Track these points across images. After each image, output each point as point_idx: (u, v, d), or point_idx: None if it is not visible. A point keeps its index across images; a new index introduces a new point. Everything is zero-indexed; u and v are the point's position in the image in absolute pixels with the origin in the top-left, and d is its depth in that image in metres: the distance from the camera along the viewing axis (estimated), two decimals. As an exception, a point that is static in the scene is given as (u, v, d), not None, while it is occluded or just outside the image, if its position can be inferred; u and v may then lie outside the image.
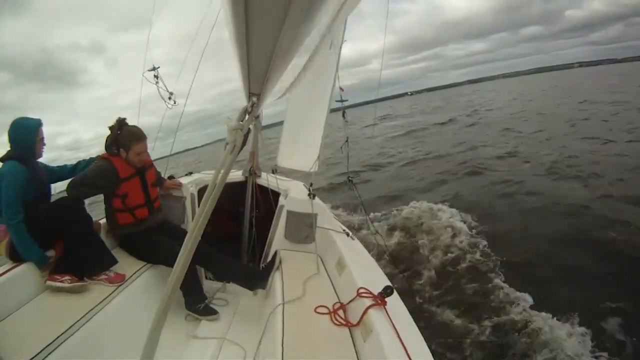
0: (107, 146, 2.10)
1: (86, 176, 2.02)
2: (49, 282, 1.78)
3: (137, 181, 2.14)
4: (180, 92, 3.15)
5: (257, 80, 0.83)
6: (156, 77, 3.04)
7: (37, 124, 1.95)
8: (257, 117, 3.01)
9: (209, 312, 2.11)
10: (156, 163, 2.51)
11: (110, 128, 2.10)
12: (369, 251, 2.55)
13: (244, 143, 0.87)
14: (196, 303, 2.10)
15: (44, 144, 2.01)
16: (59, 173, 2.20)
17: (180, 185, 2.75)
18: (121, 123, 2.10)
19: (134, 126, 2.12)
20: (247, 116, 0.87)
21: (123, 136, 2.06)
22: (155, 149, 2.65)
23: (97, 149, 2.29)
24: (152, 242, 2.18)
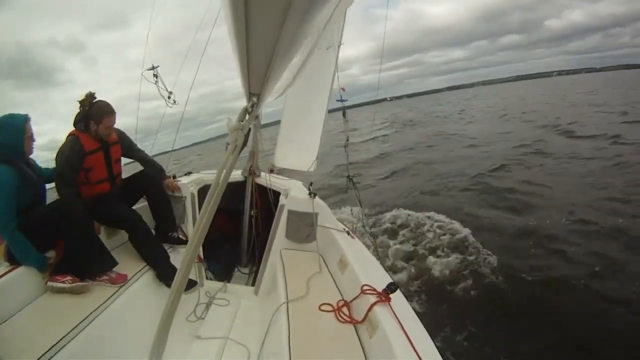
0: (76, 122, 2.10)
1: (62, 161, 2.02)
2: (50, 283, 1.78)
3: (101, 156, 2.17)
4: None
5: (257, 81, 0.83)
6: (155, 76, 3.04)
7: (24, 120, 1.85)
8: (257, 117, 3.02)
9: (190, 284, 2.12)
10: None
11: (81, 102, 2.10)
12: (369, 249, 2.56)
13: (244, 143, 0.87)
14: (171, 278, 2.08)
15: (34, 140, 1.92)
16: (46, 175, 2.12)
17: (176, 187, 2.72)
18: (92, 97, 2.10)
19: (103, 101, 2.15)
20: (247, 116, 0.88)
21: (94, 110, 2.09)
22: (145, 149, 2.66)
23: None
24: (110, 212, 2.23)
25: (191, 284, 2.17)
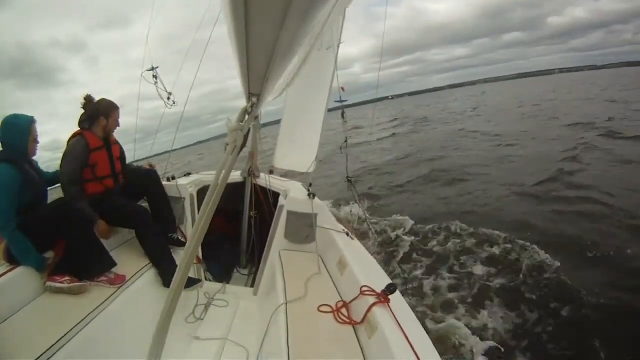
0: (81, 121, 2.21)
1: (69, 159, 2.08)
2: (49, 283, 1.77)
3: (105, 153, 2.27)
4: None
5: (256, 81, 0.83)
6: (155, 77, 3.05)
7: (30, 122, 1.88)
8: (257, 117, 3.01)
9: (192, 282, 2.17)
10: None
11: (85, 105, 2.20)
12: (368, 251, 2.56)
13: (244, 144, 0.87)
14: (172, 276, 2.13)
15: (38, 143, 1.95)
16: (47, 177, 2.13)
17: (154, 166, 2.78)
18: (92, 98, 2.24)
19: (105, 98, 2.30)
20: (247, 117, 0.88)
21: (103, 106, 2.24)
22: (137, 150, 2.80)
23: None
24: (117, 208, 2.27)
25: (193, 282, 2.19)
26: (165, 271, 2.15)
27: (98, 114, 2.20)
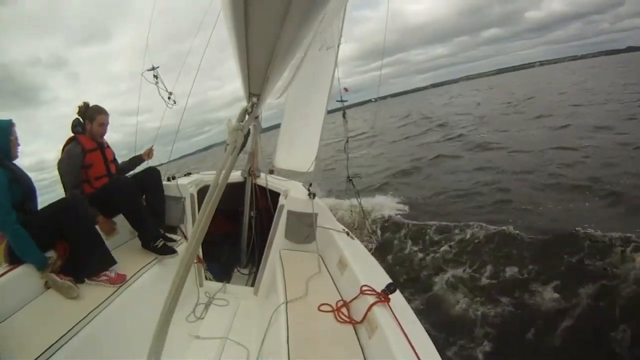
0: (74, 126, 2.32)
1: (67, 169, 2.18)
2: (50, 274, 1.78)
3: (99, 154, 2.37)
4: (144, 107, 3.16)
5: (256, 81, 0.84)
6: (155, 77, 3.05)
7: (9, 124, 1.92)
8: (257, 117, 3.02)
9: (167, 251, 2.22)
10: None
11: (79, 107, 2.33)
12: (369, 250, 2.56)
13: (244, 144, 0.88)
14: (153, 240, 2.23)
15: (19, 144, 1.98)
16: None
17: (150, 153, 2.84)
18: (87, 105, 2.37)
19: (95, 104, 2.39)
20: (247, 117, 0.88)
21: (89, 110, 2.33)
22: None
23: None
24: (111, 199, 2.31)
25: (169, 250, 2.24)
26: (144, 233, 2.24)
27: (84, 118, 2.31)
